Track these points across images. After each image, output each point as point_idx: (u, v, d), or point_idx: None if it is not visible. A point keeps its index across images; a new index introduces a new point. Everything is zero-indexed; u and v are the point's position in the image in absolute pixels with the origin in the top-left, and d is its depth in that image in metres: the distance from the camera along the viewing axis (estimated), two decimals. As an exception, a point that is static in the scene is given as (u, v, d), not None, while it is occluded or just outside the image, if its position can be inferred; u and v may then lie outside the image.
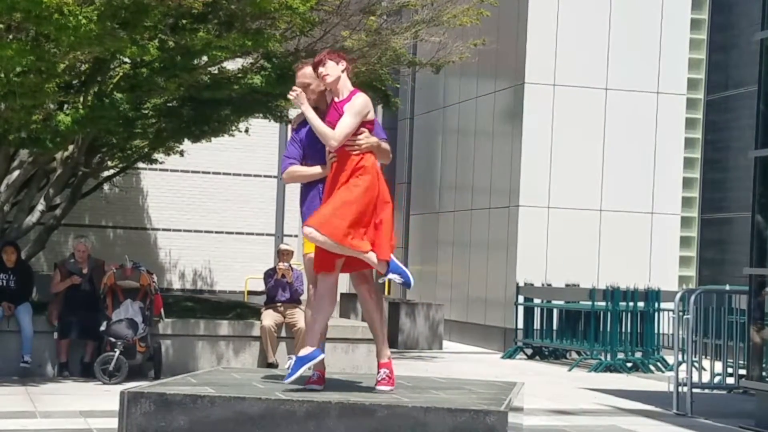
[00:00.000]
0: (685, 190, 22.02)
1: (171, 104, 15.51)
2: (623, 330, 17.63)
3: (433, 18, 16.27)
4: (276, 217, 23.85)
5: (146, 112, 15.22)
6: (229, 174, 23.46)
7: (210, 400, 5.95)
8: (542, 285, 19.62)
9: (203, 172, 23.13)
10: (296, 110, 20.23)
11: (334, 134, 6.50)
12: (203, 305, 16.38)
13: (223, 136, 17.28)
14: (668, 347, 17.77)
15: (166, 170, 22.08)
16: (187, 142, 17.56)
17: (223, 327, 14.19)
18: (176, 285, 22.95)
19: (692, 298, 12.83)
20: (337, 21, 15.12)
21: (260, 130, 20.85)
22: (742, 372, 13.11)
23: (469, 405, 5.94)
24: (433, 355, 19.40)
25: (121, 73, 14.04)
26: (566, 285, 19.43)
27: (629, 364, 17.33)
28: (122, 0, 11.34)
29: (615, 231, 21.03)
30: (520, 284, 19.70)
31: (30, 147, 14.03)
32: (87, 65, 13.77)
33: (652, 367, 17.42)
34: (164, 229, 23.08)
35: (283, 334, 14.18)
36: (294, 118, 7.08)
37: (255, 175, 23.46)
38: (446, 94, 24.72)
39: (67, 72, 13.07)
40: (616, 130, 21.14)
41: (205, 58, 13.70)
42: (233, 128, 17.22)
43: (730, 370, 14.19)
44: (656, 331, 17.82)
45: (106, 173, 18.61)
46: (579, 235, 20.82)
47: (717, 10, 22.44)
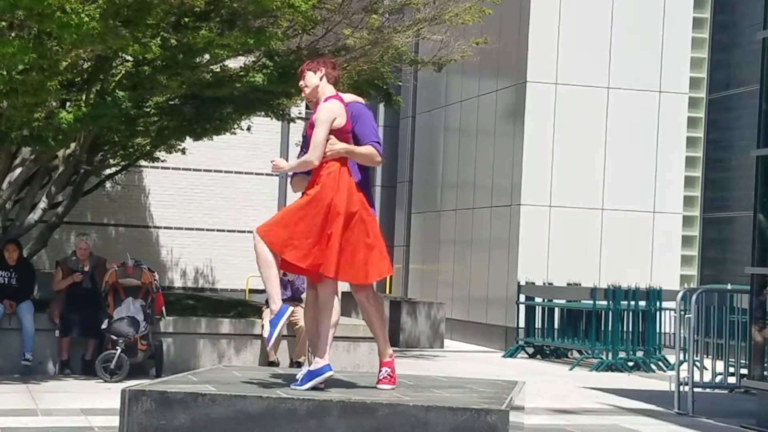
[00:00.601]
0: (686, 189, 22.01)
1: (173, 102, 15.50)
2: (625, 329, 17.61)
3: (435, 16, 16.27)
4: (277, 215, 23.79)
5: (148, 110, 15.21)
6: (231, 172, 23.44)
7: (211, 398, 5.95)
8: (544, 284, 19.61)
9: (205, 170, 23.11)
10: (297, 108, 20.15)
11: (309, 155, 6.39)
12: (204, 303, 16.37)
13: (224, 134, 17.27)
14: (670, 346, 17.78)
15: (168, 168, 22.06)
16: (189, 140, 17.54)
17: (225, 325, 14.19)
18: (178, 283, 22.94)
19: (694, 298, 12.82)
20: (339, 19, 15.12)
21: (262, 128, 20.83)
22: (744, 371, 13.10)
23: (471, 404, 5.94)
24: (434, 354, 19.38)
25: (123, 71, 14.04)
26: (568, 284, 19.42)
27: (631, 364, 17.32)
28: (124, -2, 11.37)
29: (616, 230, 21.02)
30: (522, 283, 19.68)
31: (32, 145, 14.02)
32: (89, 63, 13.77)
33: (653, 367, 17.42)
34: (166, 227, 23.06)
35: (284, 332, 14.16)
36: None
37: (257, 173, 23.43)
38: (448, 92, 24.71)
39: (70, 70, 13.07)
40: (617, 128, 21.13)
41: (207, 56, 13.71)
42: (235, 126, 17.23)
43: (731, 370, 14.19)
44: (658, 330, 17.80)
45: (108, 171, 18.59)
46: (580, 234, 20.82)
47: (719, 9, 22.42)
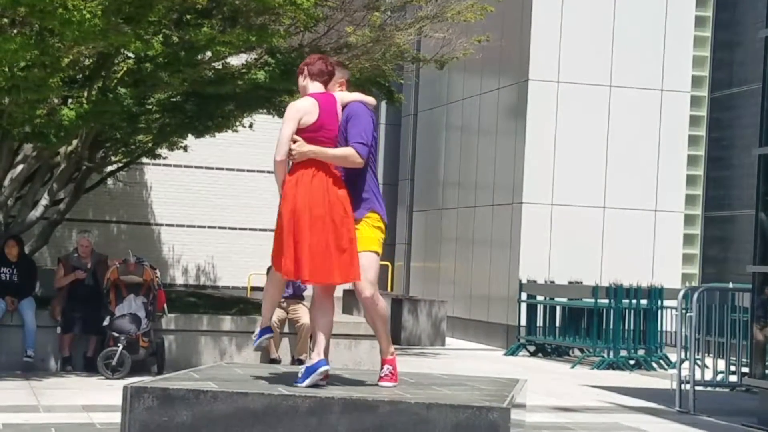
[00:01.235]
0: (688, 188, 22.00)
1: (175, 99, 15.51)
2: (626, 327, 17.60)
3: (438, 14, 16.27)
4: (279, 213, 23.77)
5: (150, 107, 15.22)
6: (233, 169, 23.44)
7: (213, 395, 5.95)
8: (545, 282, 19.60)
9: (207, 168, 23.11)
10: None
11: (275, 153, 6.39)
12: (206, 300, 16.38)
13: (226, 131, 17.28)
14: (671, 345, 17.78)
15: (170, 165, 22.08)
16: (190, 138, 17.55)
17: (226, 322, 14.20)
18: (179, 280, 22.95)
19: (695, 296, 12.82)
20: (342, 17, 15.13)
21: (264, 126, 20.83)
22: (745, 370, 13.10)
23: (472, 401, 5.94)
24: (435, 352, 19.38)
25: (125, 68, 14.03)
26: (569, 282, 19.41)
27: (632, 362, 17.32)
28: (126, -5, 11.37)
29: (618, 228, 21.02)
30: (523, 281, 19.67)
31: (34, 141, 14.03)
32: (91, 60, 13.77)
33: (654, 365, 17.41)
34: (167, 224, 23.06)
35: (286, 329, 14.18)
36: None
37: (258, 171, 23.43)
38: (450, 90, 24.70)
39: (71, 67, 13.07)
40: (619, 127, 21.12)
41: (209, 53, 13.71)
42: (237, 124, 17.23)
43: (732, 368, 14.17)
44: (659, 328, 17.79)
45: (110, 168, 18.59)
46: (582, 233, 20.81)
47: (721, 8, 22.39)
